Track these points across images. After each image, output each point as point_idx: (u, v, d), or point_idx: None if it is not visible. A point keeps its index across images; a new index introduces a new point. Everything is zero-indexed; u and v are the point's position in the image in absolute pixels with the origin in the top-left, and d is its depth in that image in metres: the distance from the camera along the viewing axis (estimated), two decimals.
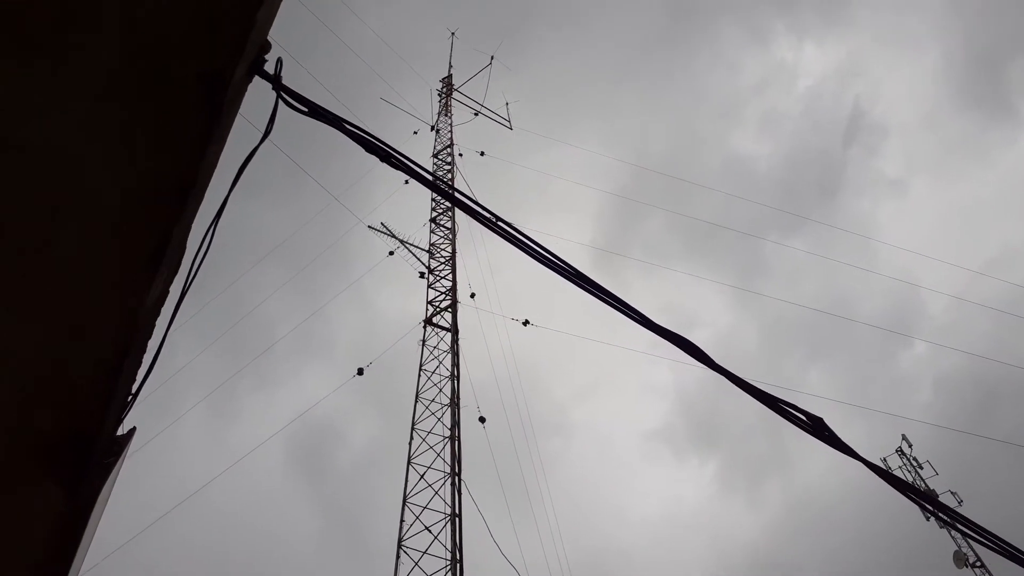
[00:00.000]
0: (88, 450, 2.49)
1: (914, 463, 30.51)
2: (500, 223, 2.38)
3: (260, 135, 2.47)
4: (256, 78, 2.26)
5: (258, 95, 2.48)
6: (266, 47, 2.23)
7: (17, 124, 2.06)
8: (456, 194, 2.34)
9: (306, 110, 2.18)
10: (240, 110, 2.25)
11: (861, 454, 2.52)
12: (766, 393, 2.11)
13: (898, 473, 30.07)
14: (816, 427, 2.12)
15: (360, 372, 18.06)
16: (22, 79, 2.01)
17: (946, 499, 27.92)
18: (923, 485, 29.47)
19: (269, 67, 2.23)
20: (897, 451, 31.09)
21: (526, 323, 20.78)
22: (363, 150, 2.22)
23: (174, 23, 1.99)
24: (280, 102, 2.17)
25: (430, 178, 2.38)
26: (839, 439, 2.15)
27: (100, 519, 2.84)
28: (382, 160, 2.22)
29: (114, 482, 2.82)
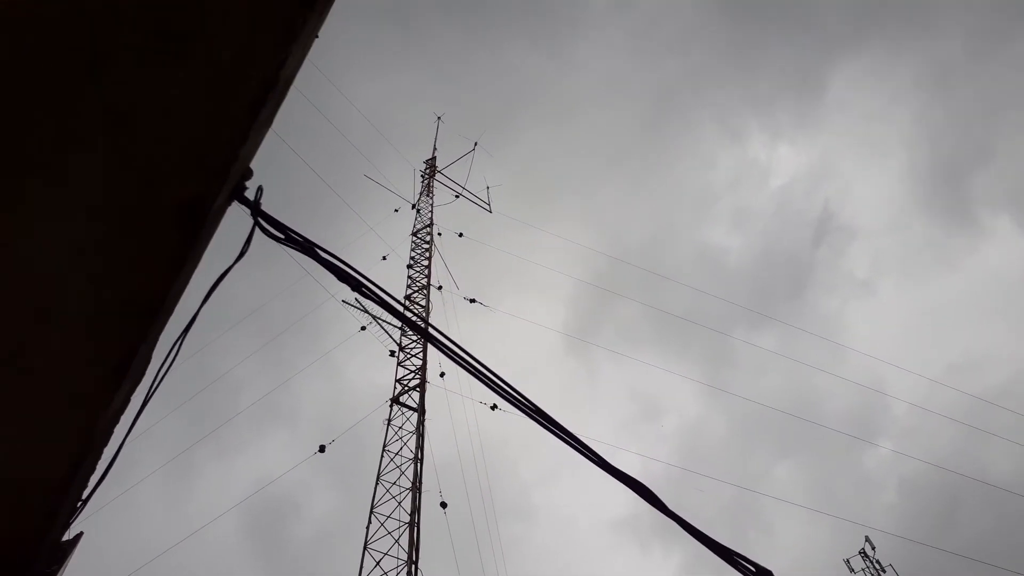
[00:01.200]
0: (29, 560, 2.44)
1: (877, 566, 30.22)
2: (470, 360, 2.43)
3: (235, 253, 2.53)
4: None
5: (234, 211, 2.55)
6: (248, 174, 2.31)
7: (10, 235, 2.09)
8: (430, 328, 2.39)
9: (282, 237, 2.25)
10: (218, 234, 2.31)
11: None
12: (716, 542, 2.14)
13: (861, 575, 29.70)
14: None
15: (322, 449, 17.71)
16: (11, 194, 2.06)
17: None
18: None
19: (251, 193, 2.31)
20: (860, 553, 30.82)
21: (494, 407, 20.62)
22: (336, 278, 2.28)
23: (163, 154, 2.07)
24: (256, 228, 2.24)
25: (400, 308, 2.44)
26: None
27: None
28: (353, 289, 2.29)
29: None
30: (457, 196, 28.83)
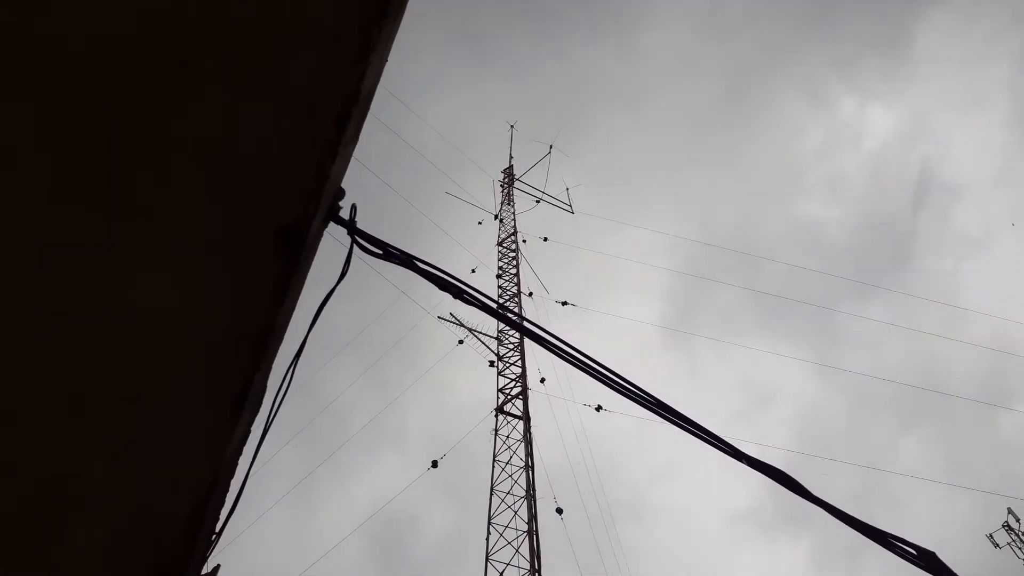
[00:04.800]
0: None
1: (1021, 537, 28.28)
2: (567, 348, 2.36)
3: (335, 271, 2.54)
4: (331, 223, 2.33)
5: (333, 231, 2.56)
6: (340, 194, 2.31)
7: (115, 283, 2.16)
8: (525, 322, 2.33)
9: (380, 252, 2.24)
10: (319, 255, 2.32)
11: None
12: (870, 526, 1.98)
13: (1007, 550, 27.90)
14: (928, 562, 1.97)
15: (434, 465, 17.98)
16: (124, 238, 2.12)
17: None
18: None
19: (344, 212, 2.31)
20: (1004, 526, 28.92)
21: (599, 408, 20.45)
22: (436, 288, 2.25)
23: (257, 181, 2.08)
24: (355, 246, 2.23)
25: (497, 310, 2.40)
26: (954, 573, 1.99)
27: None
28: (455, 296, 2.25)
29: None
30: (538, 201, 28.88)
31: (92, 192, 2.00)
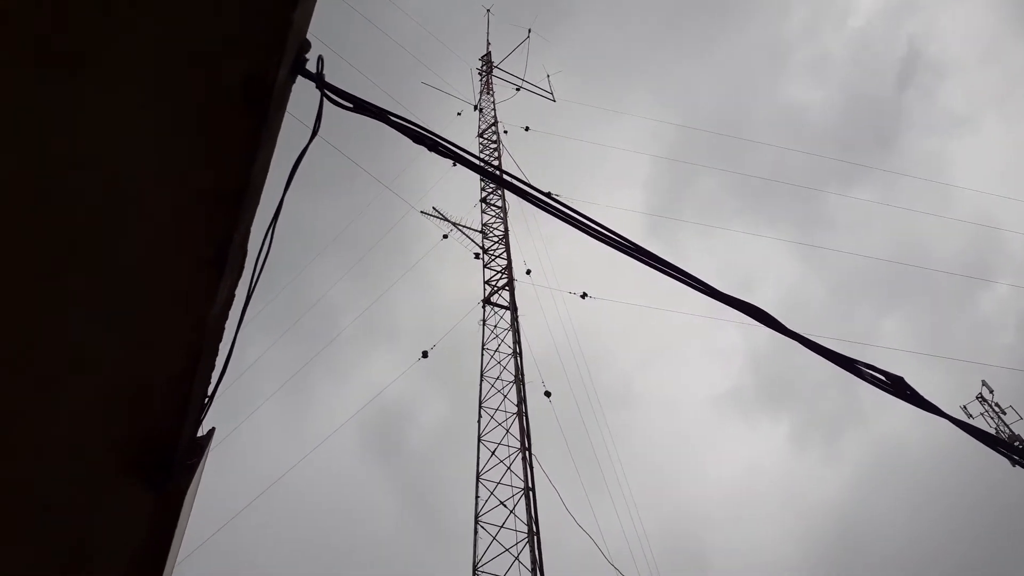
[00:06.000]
0: (171, 453, 2.58)
1: (996, 408, 29.50)
2: (549, 200, 2.35)
3: (309, 134, 2.49)
4: (299, 78, 2.26)
5: (303, 94, 2.50)
6: (306, 46, 2.23)
7: (66, 139, 2.11)
8: (504, 175, 2.31)
9: (351, 106, 2.18)
10: (288, 110, 2.26)
11: (942, 406, 2.43)
12: (841, 355, 2.04)
13: (980, 420, 29.15)
14: (897, 387, 2.04)
15: (425, 355, 18.31)
16: (70, 92, 2.06)
17: None
18: (1007, 431, 28.48)
19: (311, 66, 2.24)
20: (978, 397, 30.10)
21: (584, 296, 20.71)
22: (411, 140, 2.21)
23: (212, 30, 2.01)
24: (325, 100, 2.17)
25: (478, 162, 2.37)
26: (921, 397, 2.07)
27: (189, 516, 2.95)
28: (430, 149, 2.22)
29: (199, 481, 2.92)
30: (518, 89, 28.22)
31: (28, 49, 1.93)
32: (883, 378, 2.03)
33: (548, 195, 2.36)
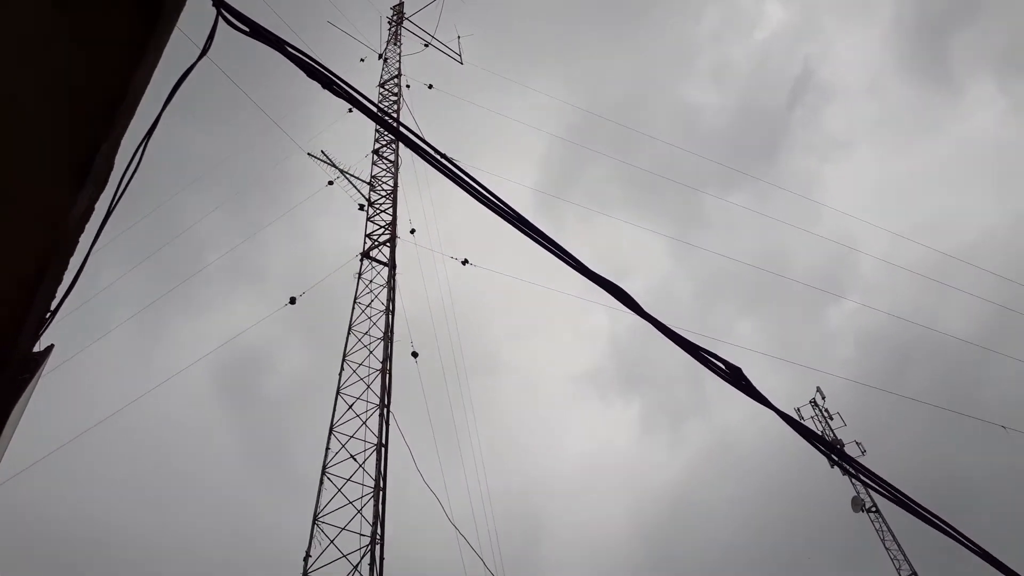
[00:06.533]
0: (1, 367, 2.43)
1: (825, 414, 32.09)
2: (443, 160, 2.36)
3: (197, 52, 2.38)
4: None
5: (198, 12, 2.37)
6: None
7: None
8: (401, 128, 2.30)
9: (247, 30, 2.10)
10: (179, 26, 2.15)
11: (778, 404, 2.66)
12: (689, 341, 2.19)
13: (810, 423, 31.66)
14: (734, 376, 2.21)
15: (292, 301, 17.83)
16: None
17: (851, 449, 29.60)
18: (831, 435, 31.07)
19: None
20: (811, 402, 32.61)
21: (465, 262, 20.76)
22: (305, 75, 2.16)
23: None
24: (220, 19, 2.08)
25: (373, 108, 2.34)
26: (755, 389, 2.26)
27: (12, 436, 2.78)
28: (324, 87, 2.17)
29: (28, 399, 2.76)
30: (426, 45, 27.67)
31: None
32: (723, 367, 2.19)
33: (444, 156, 2.38)
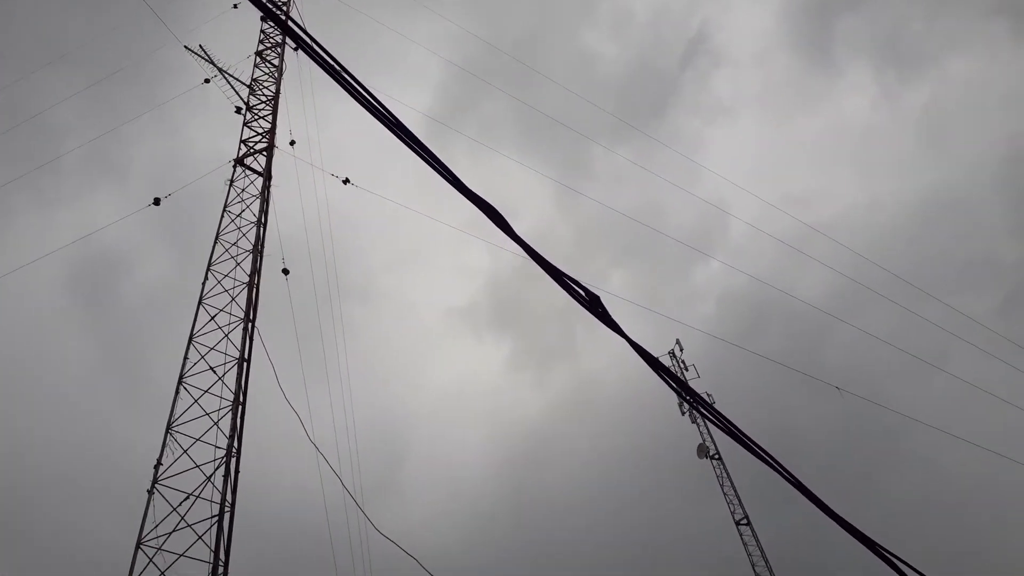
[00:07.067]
0: None
1: (681, 364, 34.05)
2: (333, 62, 2.31)
3: None
4: None
5: None
6: None
7: None
8: (290, 23, 2.23)
9: None
10: None
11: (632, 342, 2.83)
12: (554, 267, 2.29)
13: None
14: (592, 303, 2.34)
15: (156, 202, 16.87)
16: None
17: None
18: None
19: None
20: (669, 353, 34.49)
21: (347, 181, 20.25)
22: None
23: None
24: None
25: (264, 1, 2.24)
26: (610, 317, 2.40)
27: None
28: None
29: None
30: None
31: None
32: (583, 293, 2.32)
33: (333, 58, 2.32)
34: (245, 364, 13.54)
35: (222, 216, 16.64)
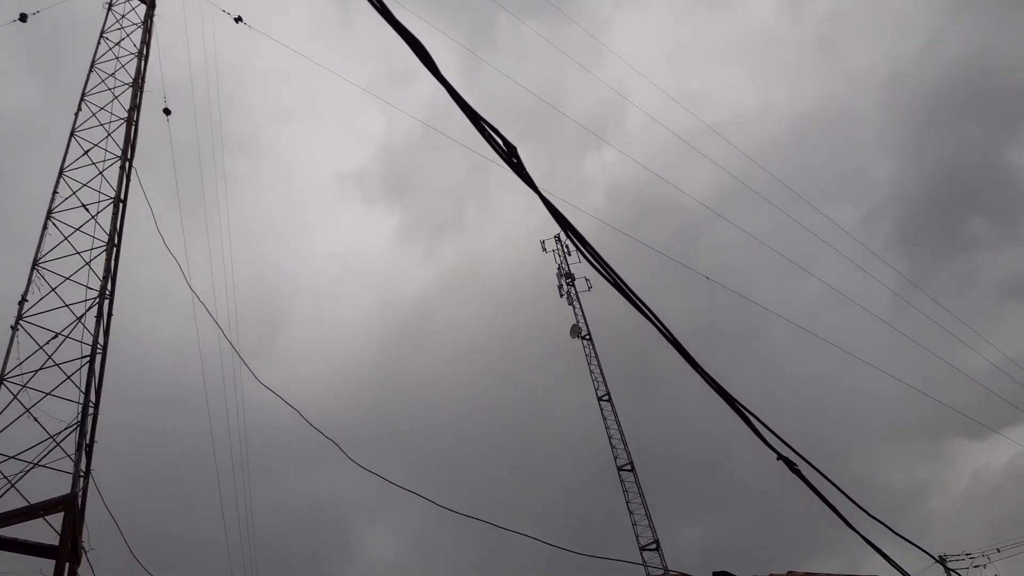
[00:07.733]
0: None
1: (565, 249, 34.88)
2: None
3: None
4: None
5: None
6: None
7: None
8: None
9: None
10: None
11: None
12: (474, 111, 2.28)
13: (551, 255, 34.33)
14: (509, 153, 2.36)
15: (23, 19, 15.18)
16: None
17: (580, 284, 32.83)
18: (566, 268, 34.04)
19: None
20: (555, 237, 35.20)
21: (239, 20, 18.80)
22: None
23: None
24: None
25: None
26: (525, 170, 2.43)
27: None
28: None
29: None
30: None
31: None
32: (501, 143, 2.33)
33: None
34: (121, 205, 12.80)
35: (99, 42, 15.20)
